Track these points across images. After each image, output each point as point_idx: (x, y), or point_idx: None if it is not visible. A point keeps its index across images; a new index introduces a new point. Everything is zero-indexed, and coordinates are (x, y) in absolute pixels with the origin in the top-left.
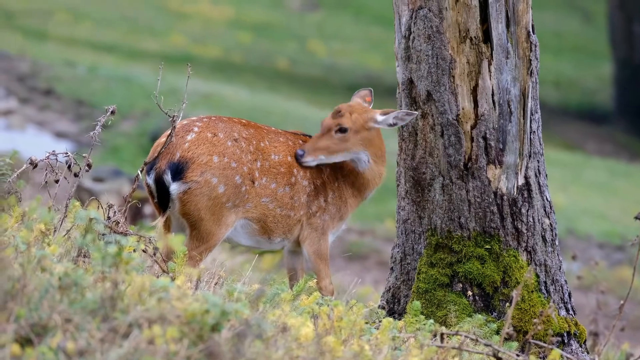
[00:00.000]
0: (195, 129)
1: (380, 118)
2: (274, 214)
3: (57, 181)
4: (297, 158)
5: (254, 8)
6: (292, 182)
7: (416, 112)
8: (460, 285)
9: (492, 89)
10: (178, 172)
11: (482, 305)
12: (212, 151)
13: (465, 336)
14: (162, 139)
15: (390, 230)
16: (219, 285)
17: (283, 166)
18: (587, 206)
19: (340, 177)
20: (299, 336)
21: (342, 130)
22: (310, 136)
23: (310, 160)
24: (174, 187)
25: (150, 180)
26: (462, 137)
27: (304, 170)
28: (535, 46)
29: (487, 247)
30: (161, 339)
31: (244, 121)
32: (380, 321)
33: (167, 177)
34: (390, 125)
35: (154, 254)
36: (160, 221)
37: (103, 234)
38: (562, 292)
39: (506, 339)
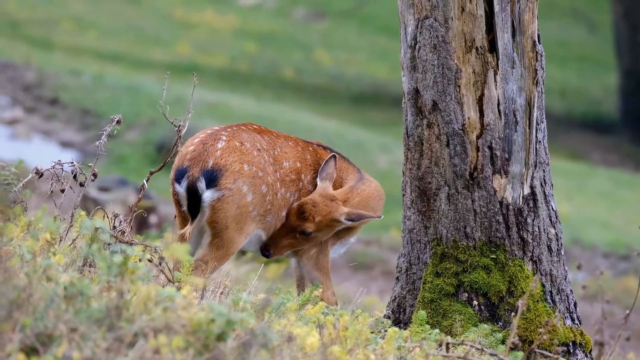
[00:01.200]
0: (224, 137)
1: (345, 221)
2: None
3: (62, 191)
4: (262, 253)
5: (259, 18)
6: (300, 187)
7: (379, 217)
8: (466, 294)
9: (498, 99)
10: (212, 179)
11: (487, 314)
12: (242, 159)
13: (471, 346)
14: (190, 147)
15: (396, 240)
16: (224, 295)
17: (293, 172)
18: (592, 216)
19: None
20: (304, 346)
21: (306, 234)
22: (329, 149)
23: (276, 257)
24: (208, 195)
25: (181, 188)
26: (467, 147)
27: (311, 176)
28: (541, 56)
29: (492, 256)
30: (167, 348)
31: (255, 126)
32: (385, 331)
33: (202, 184)
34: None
35: (160, 264)
36: (189, 229)
37: (109, 244)
38: (568, 301)
39: (512, 349)
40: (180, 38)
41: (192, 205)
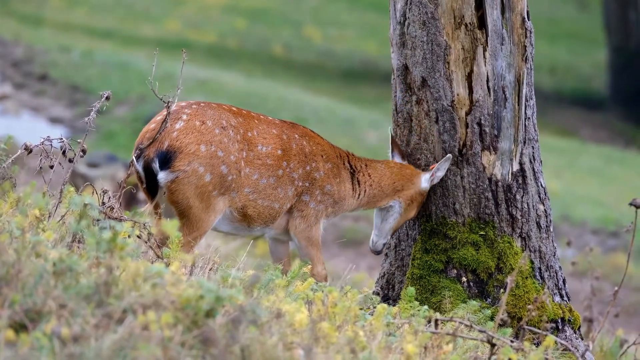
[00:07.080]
0: (184, 117)
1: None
2: (255, 205)
3: (51, 167)
4: None
5: None
6: (279, 174)
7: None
8: (455, 271)
9: (487, 75)
10: (166, 161)
11: (476, 291)
12: (199, 140)
13: (460, 322)
14: (151, 125)
15: None
16: (213, 271)
17: (270, 158)
18: (582, 192)
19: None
20: (293, 322)
21: None
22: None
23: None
24: (162, 176)
25: (139, 167)
26: (456, 123)
27: (295, 163)
28: (530, 32)
29: (481, 233)
30: (155, 324)
31: (234, 109)
32: (374, 307)
33: (155, 165)
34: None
35: (149, 240)
36: (149, 207)
37: (97, 220)
38: (557, 278)
39: (500, 325)
40: (170, 14)
41: (150, 184)
